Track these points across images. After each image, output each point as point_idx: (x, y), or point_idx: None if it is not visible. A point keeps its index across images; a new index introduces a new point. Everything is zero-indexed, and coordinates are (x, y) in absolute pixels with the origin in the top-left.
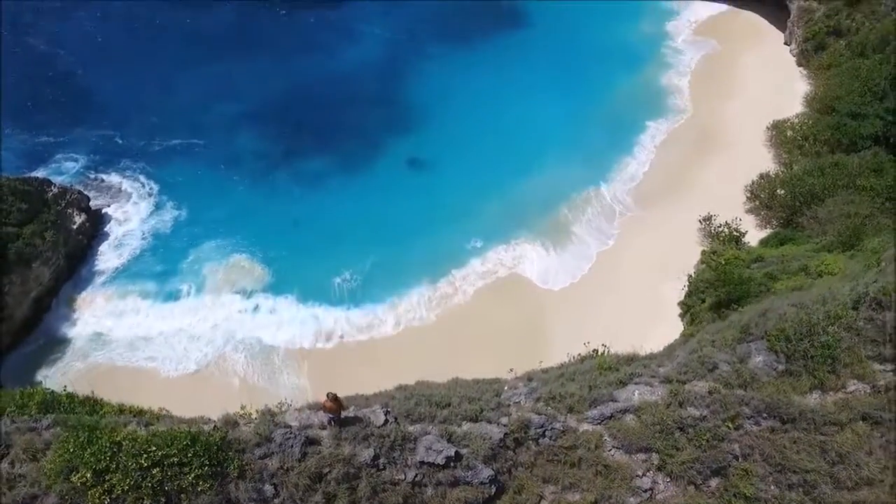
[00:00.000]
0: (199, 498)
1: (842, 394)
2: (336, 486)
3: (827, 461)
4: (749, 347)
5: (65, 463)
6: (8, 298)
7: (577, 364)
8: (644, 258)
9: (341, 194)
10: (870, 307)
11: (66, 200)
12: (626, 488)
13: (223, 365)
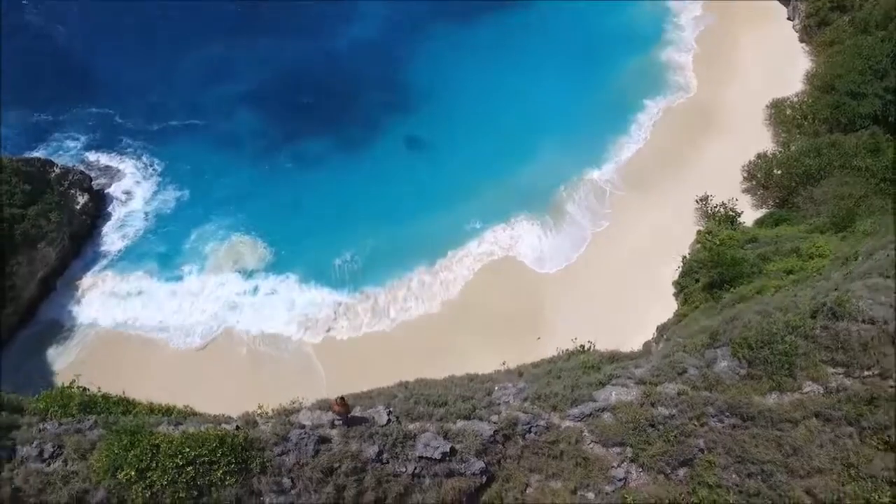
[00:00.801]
0: (226, 490)
1: (798, 394)
2: (345, 478)
3: (782, 453)
4: (715, 353)
5: (111, 462)
6: (15, 279)
7: (564, 361)
8: (640, 238)
9: (341, 174)
10: (826, 317)
11: (69, 181)
12: (602, 477)
13: (228, 338)
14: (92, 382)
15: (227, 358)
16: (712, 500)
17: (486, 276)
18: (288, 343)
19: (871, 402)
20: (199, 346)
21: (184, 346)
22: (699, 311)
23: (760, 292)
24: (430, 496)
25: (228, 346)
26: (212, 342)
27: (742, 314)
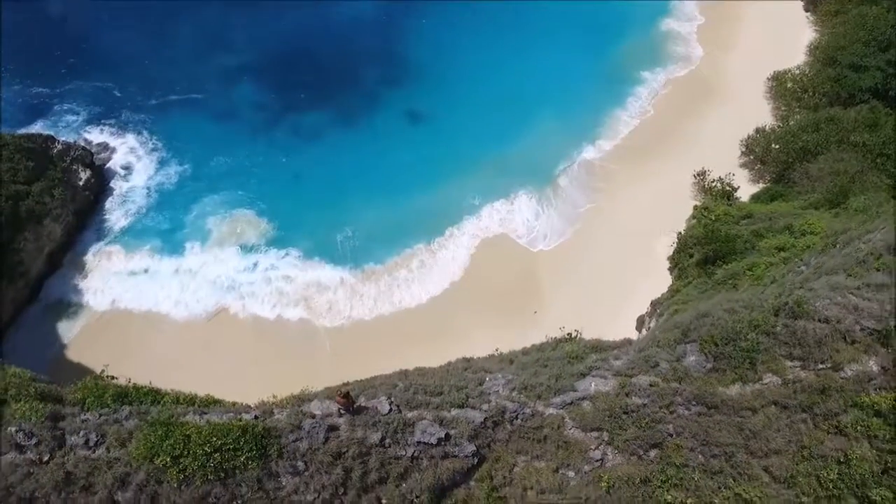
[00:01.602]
0: (248, 473)
1: (758, 385)
2: (352, 461)
3: (743, 437)
4: (685, 348)
5: (148, 450)
6: (23, 255)
7: (552, 350)
8: (636, 213)
9: (341, 147)
10: (787, 315)
11: (71, 157)
12: (581, 459)
13: (231, 316)
14: (101, 361)
15: (229, 336)
16: (679, 478)
17: (484, 253)
18: (290, 321)
19: (823, 392)
20: (202, 323)
21: (187, 323)
22: (692, 286)
23: (752, 269)
24: (427, 476)
25: (231, 324)
26: (215, 319)
27: (713, 310)
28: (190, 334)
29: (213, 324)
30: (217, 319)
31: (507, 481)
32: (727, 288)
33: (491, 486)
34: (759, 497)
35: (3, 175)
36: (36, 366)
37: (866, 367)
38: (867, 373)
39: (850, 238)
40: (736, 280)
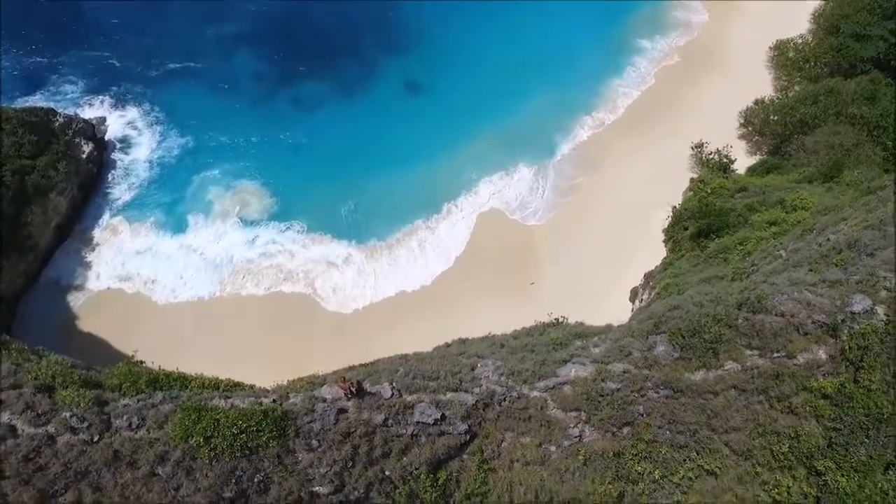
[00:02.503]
0: (269, 450)
1: (720, 371)
2: (359, 439)
3: (705, 416)
4: (656, 339)
5: (183, 432)
6: (31, 228)
7: (539, 335)
8: (634, 185)
9: (340, 119)
10: (748, 310)
11: (73, 130)
12: (562, 435)
13: (235, 291)
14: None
15: (233, 313)
16: (649, 452)
17: (483, 228)
18: (293, 297)
19: (777, 378)
20: (206, 300)
21: (190, 301)
22: (684, 259)
23: (742, 243)
24: (425, 451)
25: (235, 302)
26: (219, 297)
27: (684, 303)
28: (193, 311)
29: (216, 301)
30: (221, 297)
31: (496, 455)
32: (718, 262)
33: (481, 459)
34: (719, 468)
35: (7, 150)
36: (47, 336)
37: (816, 356)
38: (816, 360)
39: (825, 225)
40: (727, 254)
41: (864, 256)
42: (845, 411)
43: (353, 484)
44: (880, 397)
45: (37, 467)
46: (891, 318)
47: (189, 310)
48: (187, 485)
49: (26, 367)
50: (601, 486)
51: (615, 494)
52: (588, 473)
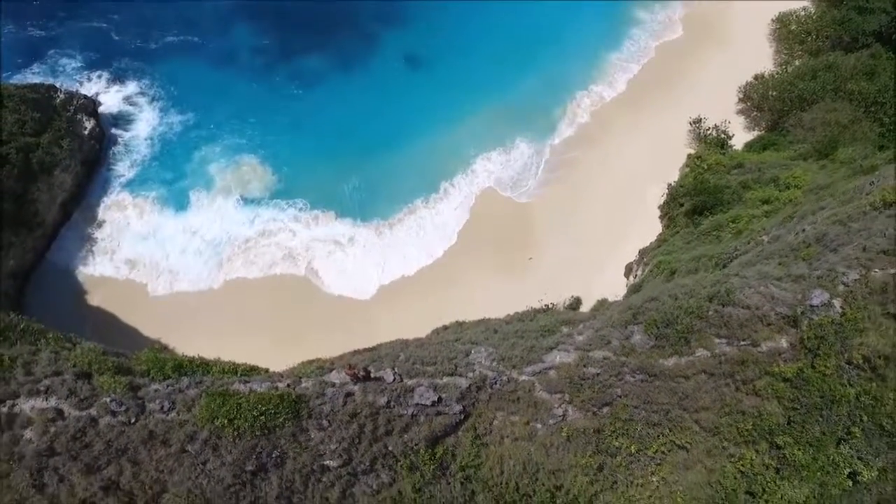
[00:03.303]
0: (286, 429)
1: (691, 358)
2: (365, 419)
3: (677, 398)
4: (633, 329)
5: (209, 414)
6: (38, 205)
7: (530, 320)
8: (632, 161)
9: (340, 94)
10: (718, 303)
11: (74, 106)
12: (547, 414)
13: (239, 273)
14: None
15: (237, 296)
16: (626, 429)
17: (481, 205)
18: (296, 277)
19: (742, 363)
20: (209, 282)
21: (196, 279)
22: (678, 236)
23: (735, 221)
24: (423, 429)
25: (237, 282)
26: (222, 277)
27: (661, 295)
28: (198, 293)
29: (219, 283)
30: (223, 279)
31: (488, 431)
32: (710, 239)
33: (475, 436)
34: (689, 443)
35: (11, 127)
36: (56, 313)
37: (778, 344)
38: (778, 348)
39: (804, 214)
40: (719, 231)
41: (829, 252)
42: (802, 393)
43: (359, 458)
44: (833, 381)
45: (83, 445)
46: (845, 310)
47: (193, 292)
48: (213, 460)
49: (64, 355)
50: (583, 459)
51: (595, 466)
52: (571, 448)
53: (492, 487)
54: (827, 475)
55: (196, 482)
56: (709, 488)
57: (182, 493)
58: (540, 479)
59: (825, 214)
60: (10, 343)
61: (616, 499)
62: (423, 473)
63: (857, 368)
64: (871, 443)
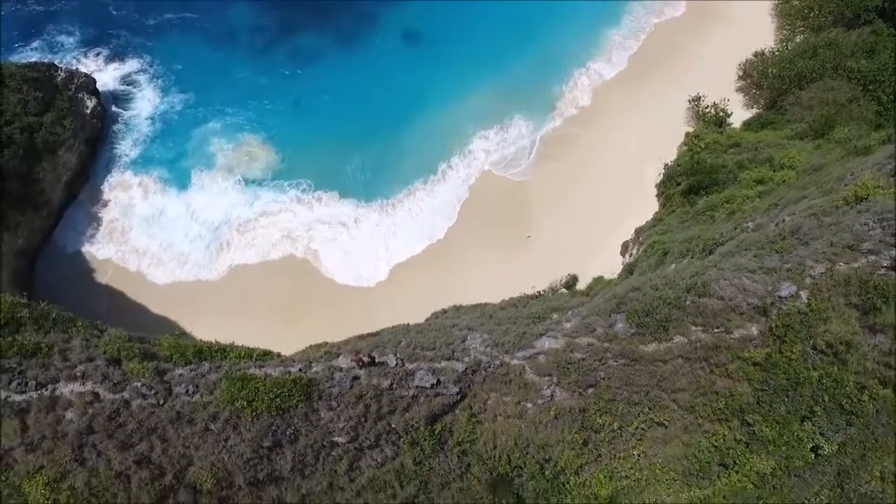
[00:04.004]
0: (298, 409)
1: (669, 344)
2: (370, 400)
3: (656, 380)
4: (616, 318)
5: (230, 397)
6: (44, 185)
7: (523, 307)
8: (630, 139)
9: (340, 72)
10: (695, 294)
11: (76, 84)
12: (536, 395)
13: (245, 257)
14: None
15: (244, 278)
16: (609, 408)
17: (480, 183)
18: (299, 259)
19: (716, 349)
20: (212, 266)
21: (199, 264)
22: (674, 215)
23: (729, 201)
24: (423, 408)
25: (243, 268)
26: (226, 262)
27: (643, 286)
28: (201, 278)
29: (225, 268)
30: (228, 263)
31: (482, 410)
32: (705, 219)
33: (470, 414)
34: (668, 420)
35: (14, 107)
36: (64, 292)
37: (749, 332)
38: (749, 335)
39: (788, 202)
40: (713, 211)
41: (801, 245)
42: (770, 376)
43: (365, 435)
44: (798, 365)
45: (118, 424)
46: (811, 301)
47: (196, 278)
48: (234, 437)
49: (94, 342)
50: (569, 435)
51: (581, 441)
52: (558, 425)
53: (486, 460)
54: (792, 449)
55: (219, 457)
56: (685, 461)
57: (206, 466)
58: (530, 452)
59: (803, 206)
60: (45, 331)
61: (600, 471)
62: (423, 448)
63: (821, 353)
64: (831, 420)
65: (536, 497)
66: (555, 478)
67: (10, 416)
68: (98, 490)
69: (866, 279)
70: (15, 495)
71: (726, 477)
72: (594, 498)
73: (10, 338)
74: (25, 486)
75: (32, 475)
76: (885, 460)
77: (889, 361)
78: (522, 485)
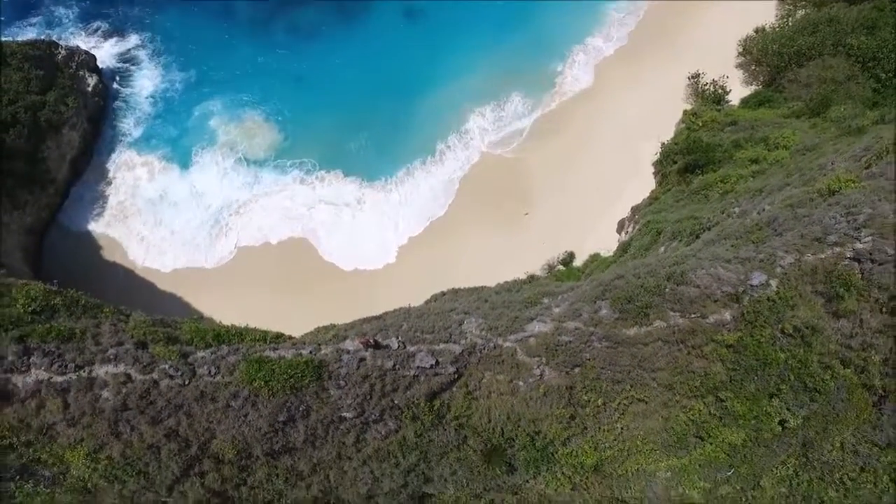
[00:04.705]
0: (310, 388)
1: (650, 328)
2: (375, 379)
3: (637, 360)
4: (601, 304)
5: (249, 377)
6: (49, 163)
7: (516, 291)
8: (629, 117)
9: (340, 47)
10: (674, 282)
11: (76, 62)
12: (527, 374)
13: (250, 239)
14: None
15: (248, 261)
16: (594, 386)
17: (479, 160)
18: (301, 241)
19: (692, 332)
20: (218, 248)
21: (201, 246)
22: (669, 194)
23: (724, 181)
24: (423, 386)
25: (247, 250)
26: (234, 243)
27: (626, 273)
28: (206, 260)
29: (226, 251)
30: (232, 246)
31: (477, 388)
32: (699, 198)
33: (466, 391)
34: (648, 397)
35: (17, 86)
36: (72, 270)
37: (722, 317)
38: (722, 320)
39: (772, 189)
40: (708, 191)
41: (775, 236)
42: (742, 357)
43: (370, 410)
44: (767, 348)
45: (148, 402)
46: (780, 289)
47: (202, 262)
48: (252, 413)
49: (121, 327)
50: (557, 410)
51: (568, 416)
52: (547, 401)
53: (481, 433)
54: (761, 423)
55: (239, 430)
56: (664, 433)
57: (228, 438)
58: (521, 426)
59: (783, 195)
60: (76, 317)
61: (586, 442)
62: (424, 422)
63: (788, 336)
64: (797, 397)
65: (527, 465)
66: (544, 448)
67: (54, 395)
68: (132, 460)
69: (831, 269)
70: (59, 464)
71: (701, 448)
72: (580, 466)
73: (48, 324)
74: (68, 455)
75: (74, 446)
76: (844, 432)
77: (850, 344)
78: (514, 455)
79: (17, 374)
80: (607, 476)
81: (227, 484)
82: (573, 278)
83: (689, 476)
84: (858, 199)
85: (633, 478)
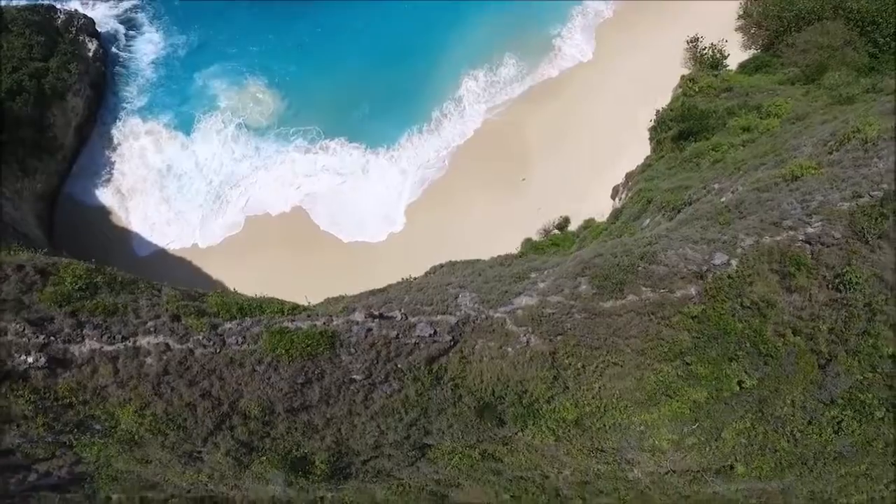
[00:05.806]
0: (324, 355)
1: (624, 301)
2: (380, 347)
3: (612, 330)
4: (581, 280)
5: (271, 346)
6: (55, 130)
7: (508, 266)
8: (625, 81)
9: (340, 10)
10: (646, 261)
11: (76, 27)
12: (515, 341)
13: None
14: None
15: (255, 234)
16: (573, 352)
17: (477, 126)
18: (304, 214)
19: (662, 305)
20: (224, 222)
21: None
22: (662, 161)
23: (715, 149)
24: (423, 352)
25: (255, 222)
26: (235, 216)
27: (605, 252)
28: (213, 238)
29: (242, 220)
30: (238, 215)
31: (471, 353)
32: (691, 166)
33: (461, 356)
34: (622, 361)
35: (19, 52)
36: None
37: (688, 292)
38: (688, 295)
39: (749, 168)
40: (699, 159)
41: (739, 219)
42: (705, 326)
43: (377, 373)
44: (727, 318)
45: (185, 367)
46: (739, 267)
47: (209, 238)
48: (274, 376)
49: (156, 301)
50: (542, 372)
51: (551, 377)
52: (533, 365)
53: (474, 392)
54: (721, 383)
55: (263, 391)
56: (637, 392)
57: (254, 398)
58: (510, 386)
59: (754, 178)
60: (116, 293)
61: (567, 400)
62: (423, 383)
63: (746, 309)
64: (753, 361)
65: (515, 420)
66: (530, 405)
67: (105, 362)
68: (173, 416)
69: (785, 250)
70: (110, 419)
71: (669, 404)
72: (563, 421)
73: (94, 300)
74: (118, 412)
75: (123, 405)
76: (794, 391)
77: (801, 315)
78: (504, 411)
79: (73, 344)
80: (587, 429)
81: (253, 436)
82: (567, 242)
83: (659, 429)
84: (813, 187)
85: (610, 430)
